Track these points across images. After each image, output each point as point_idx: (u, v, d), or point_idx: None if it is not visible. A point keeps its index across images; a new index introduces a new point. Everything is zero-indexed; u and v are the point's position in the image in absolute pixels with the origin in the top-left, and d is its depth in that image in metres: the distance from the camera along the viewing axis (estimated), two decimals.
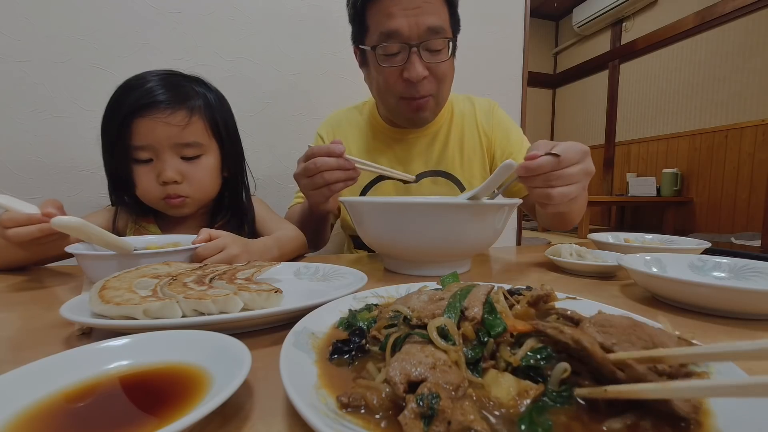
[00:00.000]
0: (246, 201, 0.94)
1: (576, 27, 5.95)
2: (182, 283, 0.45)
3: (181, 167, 0.80)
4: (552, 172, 0.61)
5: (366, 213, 0.68)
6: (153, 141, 0.77)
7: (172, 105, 0.77)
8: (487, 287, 0.34)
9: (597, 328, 0.28)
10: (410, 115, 0.94)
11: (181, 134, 0.78)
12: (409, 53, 0.85)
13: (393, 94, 0.92)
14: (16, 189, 1.15)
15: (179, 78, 0.83)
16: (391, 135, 1.05)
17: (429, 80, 0.89)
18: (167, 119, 0.77)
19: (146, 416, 0.24)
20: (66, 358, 0.29)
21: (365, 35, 0.90)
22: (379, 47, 0.86)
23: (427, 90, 0.90)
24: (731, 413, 0.22)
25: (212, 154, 0.85)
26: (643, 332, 0.28)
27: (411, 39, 0.84)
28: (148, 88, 0.77)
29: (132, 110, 0.75)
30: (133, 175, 0.80)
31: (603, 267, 0.67)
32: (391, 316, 0.34)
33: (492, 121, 1.08)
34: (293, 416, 0.26)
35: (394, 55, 0.87)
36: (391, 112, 0.98)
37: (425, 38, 0.84)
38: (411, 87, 0.89)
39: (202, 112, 0.82)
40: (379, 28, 0.85)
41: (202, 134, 0.82)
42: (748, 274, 0.57)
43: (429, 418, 0.21)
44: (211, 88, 0.88)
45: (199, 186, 0.83)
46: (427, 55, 0.87)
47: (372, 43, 0.87)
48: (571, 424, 0.22)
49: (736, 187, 4.14)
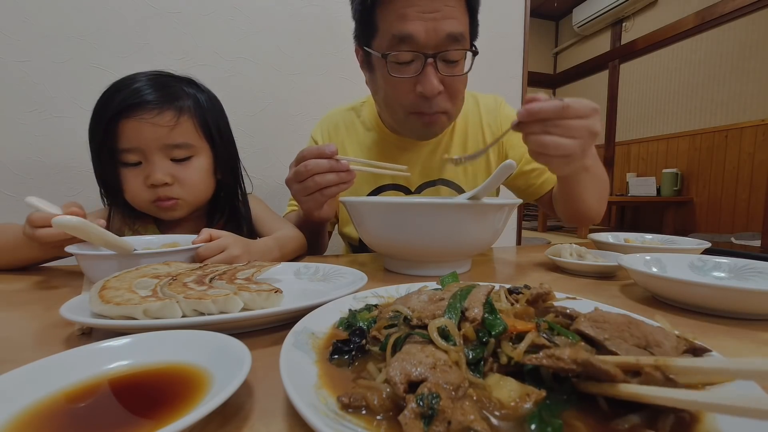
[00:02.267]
0: (242, 203, 0.93)
1: (576, 27, 5.95)
2: (182, 283, 0.45)
3: (171, 169, 0.78)
4: (552, 120, 0.57)
5: (366, 213, 0.68)
6: (140, 143, 0.74)
7: (159, 105, 0.75)
8: (487, 287, 0.34)
9: (591, 323, 0.28)
10: (420, 131, 0.87)
11: (169, 135, 0.76)
12: (424, 63, 0.76)
13: (402, 106, 0.83)
14: (16, 189, 1.15)
15: (168, 78, 0.81)
16: (394, 142, 0.99)
17: (443, 96, 0.81)
18: (154, 120, 0.74)
19: (146, 416, 0.24)
20: (66, 358, 0.29)
21: (373, 37, 0.81)
22: (390, 54, 0.77)
23: (441, 106, 0.82)
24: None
25: (204, 155, 0.83)
26: (638, 330, 0.28)
27: (427, 47, 0.75)
28: (135, 88, 0.75)
29: (117, 111, 0.73)
30: (121, 180, 0.77)
31: (603, 267, 0.67)
32: (391, 317, 0.34)
33: (500, 119, 1.02)
34: (293, 416, 0.26)
35: (406, 64, 0.78)
36: (399, 125, 0.91)
37: (443, 47, 0.75)
38: (423, 102, 0.80)
39: (191, 113, 0.80)
40: (391, 31, 0.75)
41: (192, 135, 0.80)
42: (748, 274, 0.57)
43: (429, 418, 0.21)
44: (203, 89, 0.86)
45: (191, 188, 0.81)
46: (443, 66, 0.78)
47: (382, 48, 0.78)
48: (579, 424, 0.22)
49: (736, 187, 4.14)
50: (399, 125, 0.91)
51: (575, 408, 0.23)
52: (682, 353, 0.28)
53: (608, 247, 0.82)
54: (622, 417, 0.22)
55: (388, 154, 0.99)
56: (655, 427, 0.22)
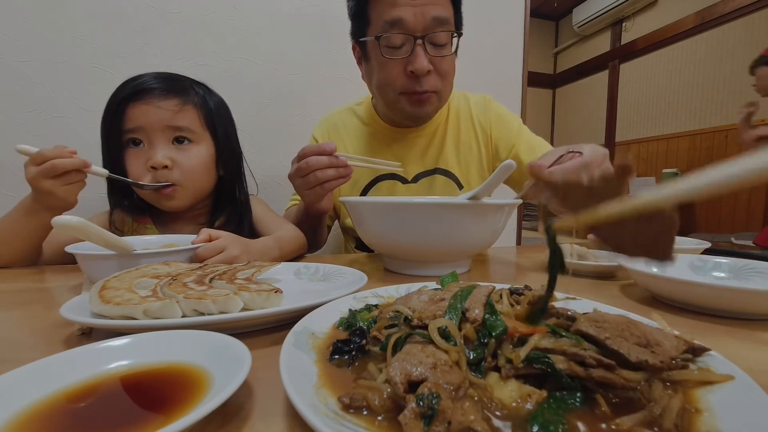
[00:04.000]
0: (244, 202, 0.94)
1: (576, 27, 5.94)
2: (182, 283, 0.45)
3: (172, 153, 0.81)
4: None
5: (366, 213, 0.68)
6: (144, 123, 0.78)
7: (165, 92, 0.79)
8: (487, 288, 0.34)
9: (591, 323, 0.28)
10: (411, 109, 0.92)
11: (173, 118, 0.79)
12: (414, 45, 0.84)
13: (394, 88, 0.89)
14: (16, 189, 1.15)
15: (179, 75, 0.85)
16: (390, 134, 1.04)
17: (433, 76, 0.88)
18: (160, 103, 0.78)
19: (146, 416, 0.24)
20: (66, 358, 0.29)
21: (367, 28, 0.89)
22: (382, 38, 0.84)
23: (431, 85, 0.89)
24: (731, 413, 0.22)
25: (205, 145, 0.85)
26: (637, 329, 0.28)
27: (416, 30, 0.83)
28: (146, 79, 0.80)
29: (126, 96, 0.78)
30: (125, 161, 0.80)
31: (603, 267, 0.67)
32: (391, 317, 0.34)
33: (488, 114, 1.07)
34: (293, 416, 0.26)
35: (397, 48, 0.85)
36: (391, 108, 0.96)
37: (431, 30, 0.83)
38: (414, 81, 0.87)
39: (196, 104, 0.83)
40: (383, 17, 0.84)
41: (194, 122, 0.83)
42: (748, 274, 0.57)
43: (429, 418, 0.21)
44: (213, 93, 0.89)
45: (190, 174, 0.82)
46: (431, 48, 0.85)
47: (374, 33, 0.86)
48: (580, 424, 0.22)
49: None
50: (391, 109, 0.96)
51: (576, 408, 0.23)
52: (681, 353, 0.28)
53: None
54: (622, 417, 0.22)
55: (385, 147, 1.04)
56: (655, 427, 0.22)
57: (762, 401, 0.23)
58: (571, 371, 0.24)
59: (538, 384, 0.25)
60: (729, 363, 0.27)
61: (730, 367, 0.27)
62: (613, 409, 0.23)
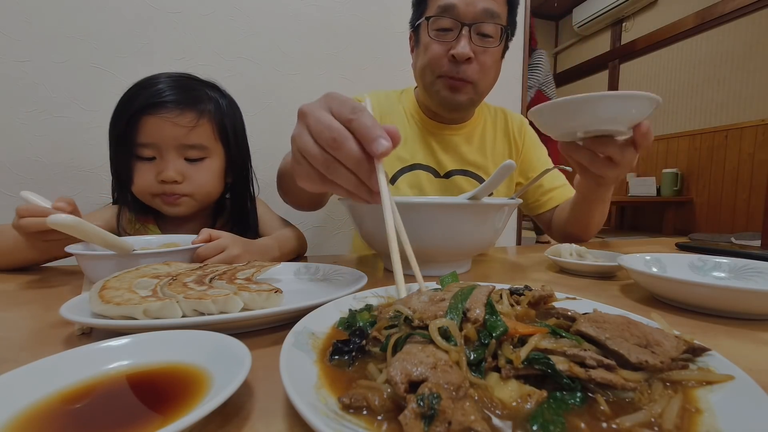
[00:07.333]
0: (251, 207, 0.94)
1: (576, 27, 5.95)
2: (182, 283, 0.45)
3: (183, 168, 0.80)
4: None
5: (367, 213, 0.68)
6: (158, 139, 0.77)
7: (181, 106, 0.78)
8: (488, 288, 0.34)
9: (591, 323, 0.28)
10: (445, 93, 0.93)
11: (187, 136, 0.79)
12: (460, 32, 0.87)
13: (433, 70, 0.92)
14: (16, 189, 1.15)
15: (192, 81, 0.84)
16: (428, 127, 1.05)
17: (473, 65, 0.90)
18: (175, 119, 0.77)
19: (146, 416, 0.24)
20: (66, 358, 0.29)
21: (423, 13, 0.92)
22: (432, 20, 0.89)
23: (469, 75, 0.90)
24: (731, 413, 0.22)
25: (217, 157, 0.85)
26: (638, 329, 0.28)
27: (465, 17, 0.86)
28: (160, 87, 0.78)
29: (141, 108, 0.76)
30: (133, 170, 0.80)
31: (603, 267, 0.67)
32: (391, 317, 0.34)
33: (524, 137, 1.14)
34: (293, 416, 0.26)
35: (445, 32, 0.89)
36: (428, 91, 0.97)
37: (479, 19, 0.87)
38: (454, 66, 0.89)
39: (211, 116, 0.82)
40: (437, 2, 0.88)
41: (208, 137, 0.82)
42: (748, 274, 0.57)
43: (429, 419, 0.21)
44: (225, 94, 0.89)
45: (200, 188, 0.83)
46: (477, 38, 0.88)
47: (427, 15, 0.90)
48: (581, 424, 0.22)
49: (736, 188, 4.14)
50: (428, 92, 0.97)
51: (576, 408, 0.23)
52: (681, 353, 0.28)
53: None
54: (622, 417, 0.22)
55: (420, 138, 1.05)
56: (655, 427, 0.22)
57: (762, 401, 0.22)
58: (572, 372, 0.24)
59: (538, 384, 0.25)
60: (729, 363, 0.27)
61: (730, 367, 0.27)
62: (613, 409, 0.23)
